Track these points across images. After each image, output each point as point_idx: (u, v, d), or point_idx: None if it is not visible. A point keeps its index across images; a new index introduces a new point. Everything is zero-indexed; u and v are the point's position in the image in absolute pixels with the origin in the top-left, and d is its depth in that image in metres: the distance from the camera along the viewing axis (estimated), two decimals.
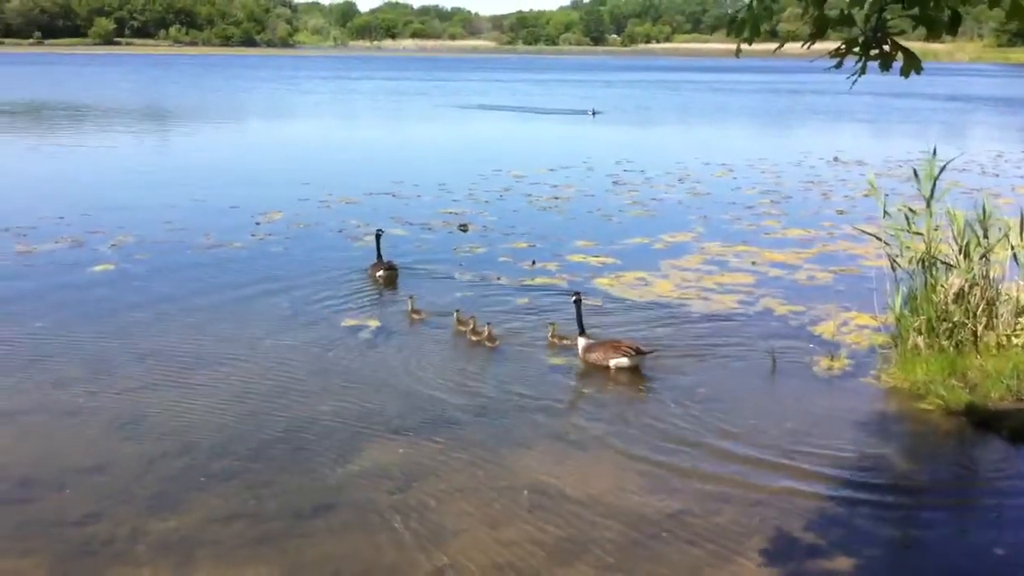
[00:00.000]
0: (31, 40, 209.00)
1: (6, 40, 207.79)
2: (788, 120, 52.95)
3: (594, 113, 51.96)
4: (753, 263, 16.44)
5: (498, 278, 15.22)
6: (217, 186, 24.38)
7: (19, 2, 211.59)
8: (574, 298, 11.94)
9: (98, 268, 15.39)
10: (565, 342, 11.97)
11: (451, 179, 25.89)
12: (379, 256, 15.44)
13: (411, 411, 9.85)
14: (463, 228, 19.32)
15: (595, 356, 11.39)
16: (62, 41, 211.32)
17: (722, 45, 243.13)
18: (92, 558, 7.03)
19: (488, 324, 12.16)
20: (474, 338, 12.11)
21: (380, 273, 15.09)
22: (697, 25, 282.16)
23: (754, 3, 4.93)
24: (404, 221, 19.81)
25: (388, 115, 53.83)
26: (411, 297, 13.39)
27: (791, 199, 23.48)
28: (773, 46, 6.87)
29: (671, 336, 12.40)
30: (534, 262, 16.35)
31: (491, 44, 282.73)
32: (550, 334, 12.18)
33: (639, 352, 11.24)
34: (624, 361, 11.22)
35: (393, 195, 23.22)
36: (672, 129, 47.25)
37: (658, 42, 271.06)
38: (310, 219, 19.74)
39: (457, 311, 12.78)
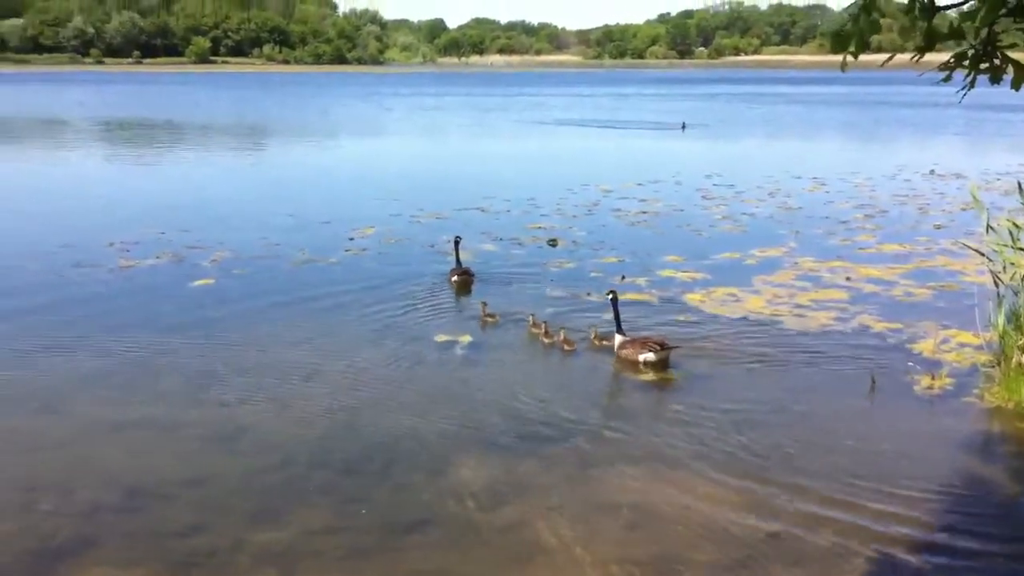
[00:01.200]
0: (130, 59, 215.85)
1: (107, 59, 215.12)
2: (880, 132, 51.86)
3: (684, 126, 51.63)
4: (848, 279, 16.14)
5: (588, 294, 15.17)
6: (311, 202, 24.82)
7: (119, 22, 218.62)
8: (610, 296, 12.47)
9: (198, 283, 15.78)
10: (605, 343, 12.42)
11: (540, 194, 25.96)
12: (458, 262, 16.21)
13: (503, 427, 9.88)
14: (552, 243, 19.35)
15: (626, 352, 11.94)
16: (160, 60, 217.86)
17: (812, 57, 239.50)
18: (196, 569, 7.20)
19: (563, 328, 12.62)
20: (547, 341, 12.60)
21: (455, 278, 15.78)
22: (786, 37, 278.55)
23: (860, 16, 4.86)
24: (494, 236, 19.92)
25: (476, 130, 54.19)
26: (483, 303, 13.96)
27: (886, 213, 22.99)
28: (866, 58, 6.74)
29: (764, 353, 12.23)
30: (623, 277, 16.29)
31: (577, 59, 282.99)
32: (592, 336, 12.68)
33: (664, 347, 11.70)
34: (651, 356, 11.67)
35: (482, 210, 23.37)
36: (762, 142, 46.65)
37: (746, 54, 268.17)
38: (402, 234, 19.97)
39: (532, 315, 13.29)
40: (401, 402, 10.57)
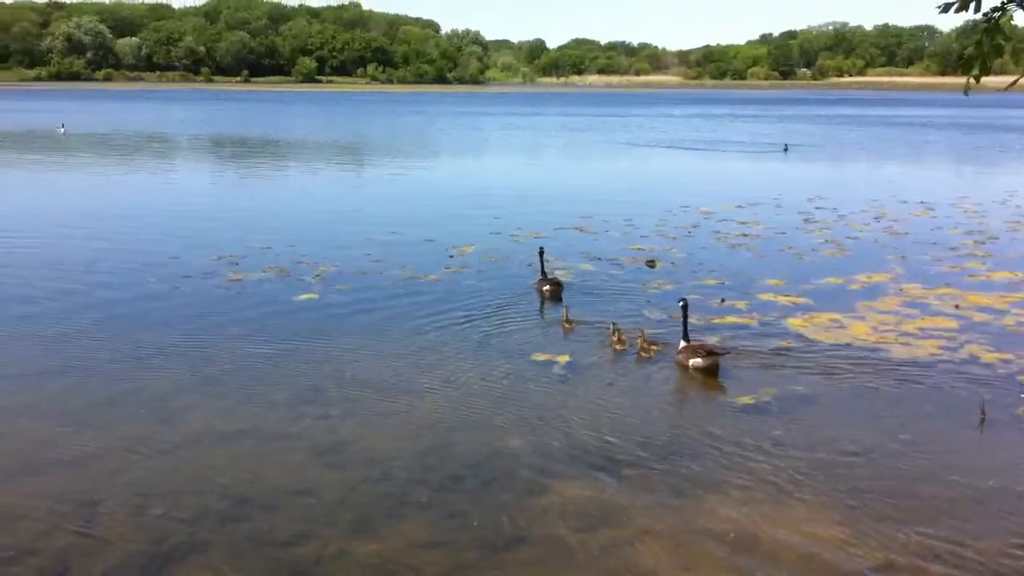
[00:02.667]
0: (239, 78, 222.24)
1: (216, 77, 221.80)
2: (989, 156, 50.39)
3: (786, 148, 50.95)
4: (956, 307, 15.73)
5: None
6: (412, 219, 25.18)
7: (229, 42, 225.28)
8: (681, 304, 13.09)
9: (303, 297, 16.14)
10: (655, 348, 13.19)
11: (638, 215, 25.90)
12: (543, 272, 16.90)
13: (600, 448, 9.87)
14: (651, 264, 19.29)
15: (680, 357, 12.64)
16: (267, 79, 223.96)
17: (919, 79, 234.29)
18: None
19: (642, 331, 13.44)
20: (618, 347, 13.31)
21: (546, 288, 16.48)
22: (892, 58, 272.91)
23: (983, 39, 4.79)
24: (593, 256, 19.94)
25: (573, 150, 54.29)
26: (566, 308, 14.90)
27: (997, 240, 22.34)
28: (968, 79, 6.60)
29: (868, 382, 11.99)
30: (723, 300, 16.15)
31: (677, 79, 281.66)
32: (640, 338, 13.35)
33: (712, 353, 12.32)
34: (699, 361, 12.33)
35: (581, 230, 23.42)
36: (866, 165, 45.73)
37: (850, 76, 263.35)
38: (501, 253, 20.11)
39: (613, 323, 13.81)
40: (498, 420, 10.65)
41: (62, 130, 57.63)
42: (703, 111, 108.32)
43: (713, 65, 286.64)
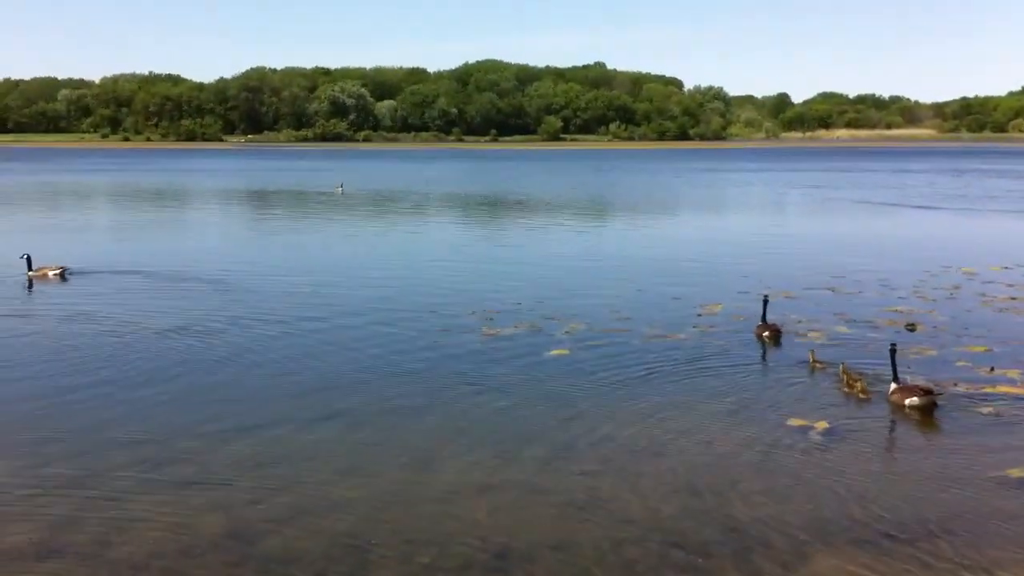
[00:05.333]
0: (488, 137, 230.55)
1: (466, 137, 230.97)
2: None
3: None
4: None
5: (954, 384, 14.27)
6: (658, 277, 25.20)
7: (479, 104, 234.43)
8: (890, 347, 13.82)
9: (554, 353, 16.44)
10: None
11: (893, 276, 24.83)
12: (764, 318, 17.85)
13: (861, 521, 9.47)
14: (911, 328, 18.42)
15: (895, 398, 13.30)
16: (514, 138, 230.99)
17: None
18: None
19: (861, 377, 14.08)
20: (847, 389, 13.93)
21: (765, 333, 17.53)
22: None
23: None
24: (847, 319, 19.26)
25: (819, 206, 52.72)
26: (811, 351, 15.72)
27: None
28: None
29: None
30: (992, 368, 15.19)
31: (931, 132, 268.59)
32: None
33: (928, 392, 12.99)
34: (915, 400, 13.00)
35: (832, 290, 22.68)
36: None
37: None
38: (750, 312, 19.71)
39: (843, 363, 14.72)
40: (751, 489, 10.42)
41: (340, 190, 61.46)
42: (957, 165, 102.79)
43: (971, 118, 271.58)
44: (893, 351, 13.73)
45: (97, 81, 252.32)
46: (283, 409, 13.35)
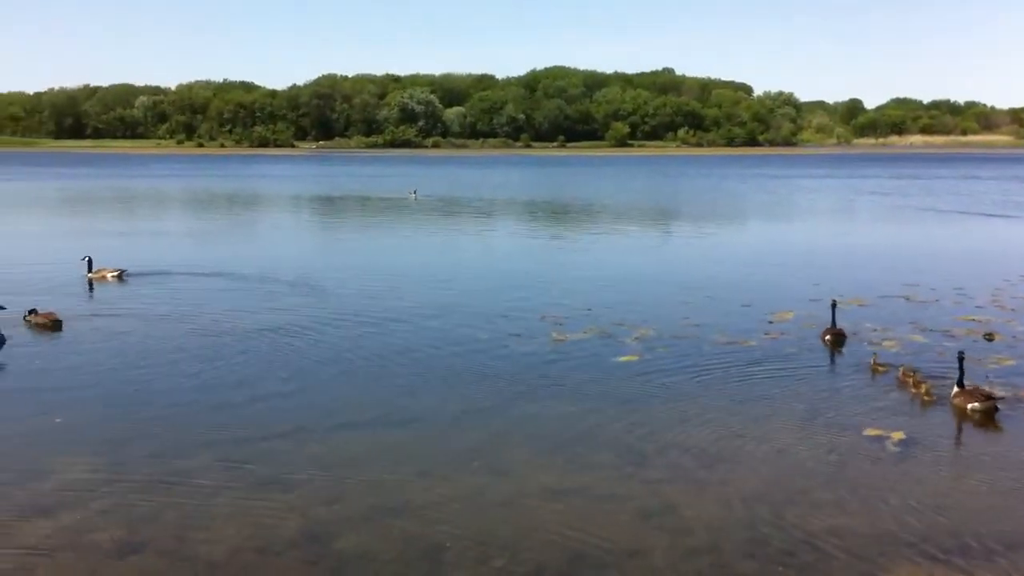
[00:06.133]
0: (555, 143, 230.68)
1: (534, 143, 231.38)
2: None
3: None
4: None
5: None
6: (727, 283, 25.00)
7: (547, 110, 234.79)
8: (959, 354, 14.00)
9: (623, 359, 16.43)
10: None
11: (969, 284, 24.33)
12: (833, 322, 17.94)
13: (937, 534, 9.34)
14: (988, 337, 18.06)
15: (958, 401, 13.54)
16: (581, 144, 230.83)
17: None
18: None
19: (926, 380, 14.32)
20: (913, 391, 14.22)
21: (827, 337, 17.75)
22: None
23: None
24: (922, 327, 18.94)
25: (889, 214, 51.81)
26: (875, 354, 15.98)
27: None
28: None
29: None
30: None
31: (1008, 139, 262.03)
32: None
33: (990, 398, 13.26)
34: (978, 405, 13.24)
35: (907, 299, 22.31)
36: None
37: None
38: (821, 320, 19.39)
39: (902, 367, 15.10)
40: (827, 496, 10.32)
41: (413, 195, 62.02)
42: None
43: None
44: (961, 358, 13.89)
45: (173, 88, 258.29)
46: (357, 410, 13.56)
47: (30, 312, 19.17)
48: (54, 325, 19.06)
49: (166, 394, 14.37)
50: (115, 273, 25.67)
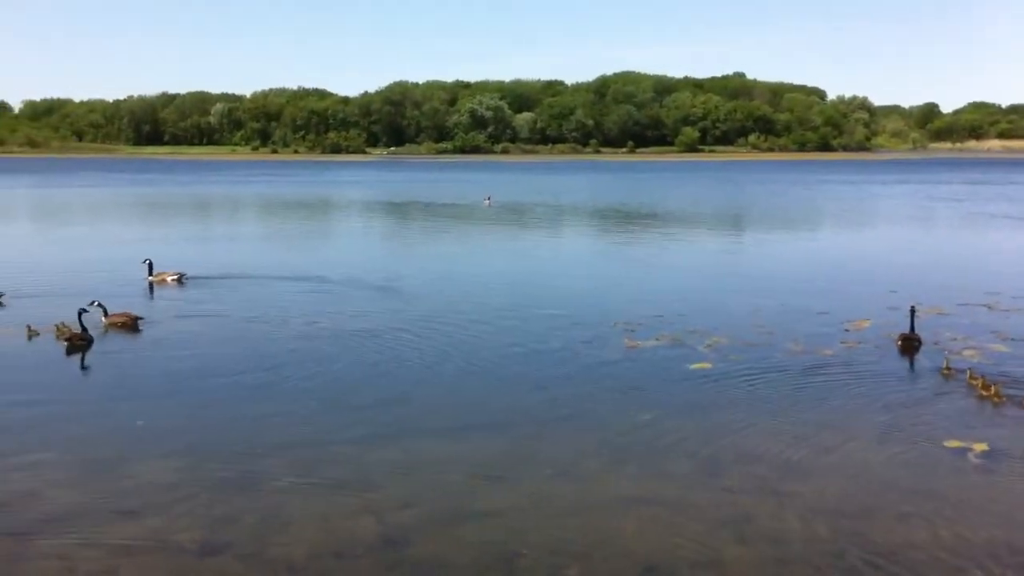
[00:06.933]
0: (625, 149, 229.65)
1: (603, 149, 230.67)
2: None
3: None
4: None
5: None
6: (801, 291, 24.66)
7: (616, 115, 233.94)
8: None
9: (696, 366, 16.29)
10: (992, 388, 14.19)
11: None
12: (912, 328, 18.04)
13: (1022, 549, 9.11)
14: None
15: None
16: (650, 149, 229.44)
17: None
18: None
19: (995, 384, 14.20)
20: (984, 393, 14.18)
21: (899, 341, 17.84)
22: None
23: None
24: (1005, 336, 18.49)
25: (966, 221, 50.54)
26: (946, 358, 16.06)
27: None
28: None
29: None
30: None
31: None
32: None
33: None
34: None
35: (988, 307, 21.78)
36: None
37: None
38: (900, 329, 19.05)
39: (969, 369, 15.21)
40: (909, 510, 10.13)
41: (488, 202, 62.26)
42: None
43: None
44: None
45: (248, 96, 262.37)
46: (431, 415, 13.67)
47: (92, 304, 19.51)
48: (132, 324, 19.57)
49: (242, 396, 14.62)
50: (175, 276, 26.17)
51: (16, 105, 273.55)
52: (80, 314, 18.68)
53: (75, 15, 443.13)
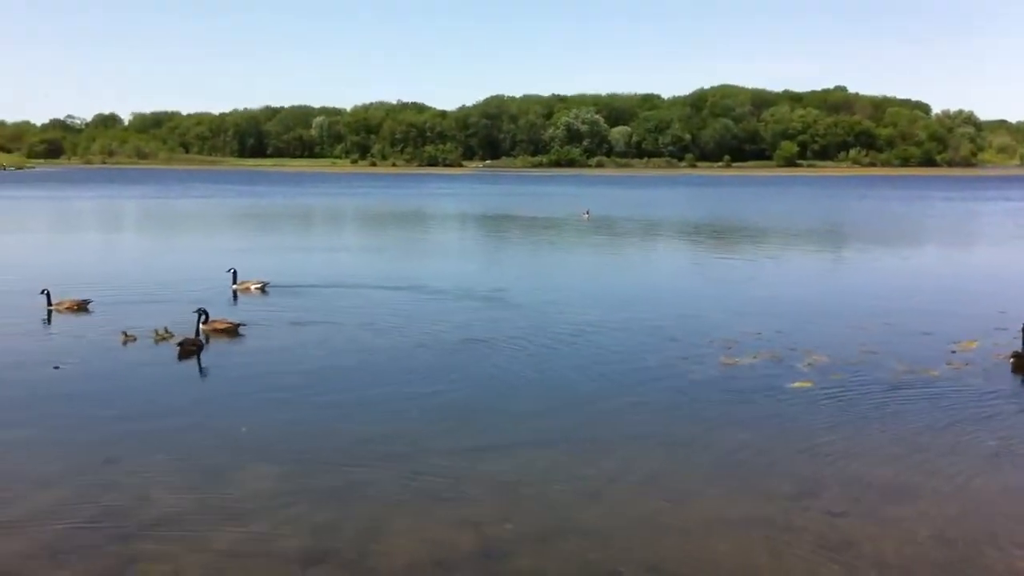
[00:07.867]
0: (721, 163, 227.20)
1: (699, 163, 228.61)
2: None
3: None
4: None
5: None
6: (905, 309, 24.09)
7: (713, 129, 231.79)
8: None
9: (795, 385, 16.03)
10: None
11: None
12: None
13: None
14: None
15: None
16: (748, 164, 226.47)
17: None
18: None
19: None
20: None
21: (1011, 360, 17.39)
22: None
23: None
24: None
25: None
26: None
27: None
28: None
29: None
30: None
31: None
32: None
33: None
34: None
35: None
36: None
37: None
38: (1010, 350, 18.50)
39: None
40: (1016, 539, 9.82)
41: (586, 216, 62.32)
42: None
43: None
44: None
45: (349, 109, 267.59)
46: (530, 429, 13.76)
47: (198, 312, 19.93)
48: (233, 331, 20.15)
49: (341, 404, 14.88)
50: (258, 285, 26.77)
51: (126, 117, 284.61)
52: (199, 319, 19.31)
53: (183, 30, 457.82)
